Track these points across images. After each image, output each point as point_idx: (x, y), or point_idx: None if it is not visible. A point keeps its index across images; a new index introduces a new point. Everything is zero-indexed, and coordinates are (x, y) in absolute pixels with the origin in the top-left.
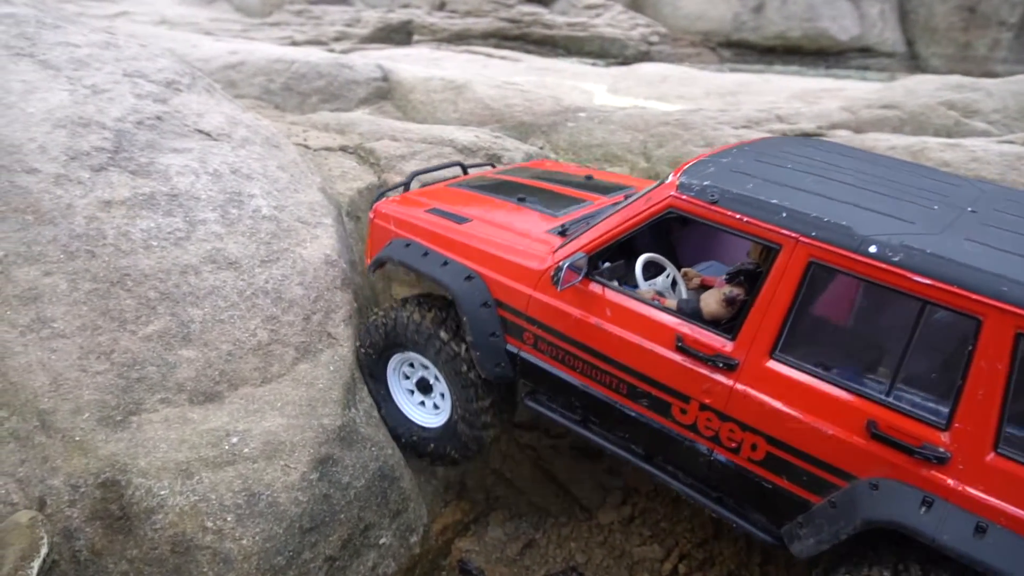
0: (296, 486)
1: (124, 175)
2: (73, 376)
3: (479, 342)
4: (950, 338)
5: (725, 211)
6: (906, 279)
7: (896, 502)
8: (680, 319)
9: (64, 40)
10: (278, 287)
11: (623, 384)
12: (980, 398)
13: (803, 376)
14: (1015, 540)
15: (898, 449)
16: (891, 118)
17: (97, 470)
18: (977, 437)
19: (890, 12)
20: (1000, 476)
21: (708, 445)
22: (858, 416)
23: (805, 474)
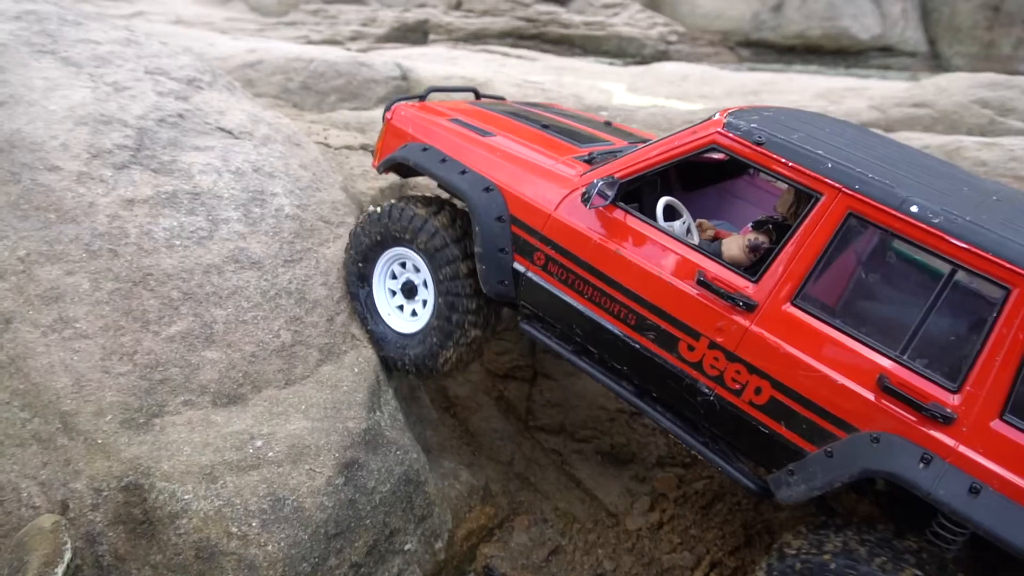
0: (322, 491)
1: (146, 173)
2: (96, 377)
3: (487, 256)
4: (975, 304)
5: (770, 154)
6: (945, 241)
7: (896, 456)
8: (703, 255)
9: (86, 37)
10: (301, 287)
11: (632, 315)
12: (996, 365)
13: (821, 325)
14: (1005, 503)
15: (906, 405)
16: (922, 117)
17: (120, 473)
18: (985, 402)
19: (912, 11)
20: (1000, 442)
21: (710, 385)
22: (871, 369)
23: (806, 422)
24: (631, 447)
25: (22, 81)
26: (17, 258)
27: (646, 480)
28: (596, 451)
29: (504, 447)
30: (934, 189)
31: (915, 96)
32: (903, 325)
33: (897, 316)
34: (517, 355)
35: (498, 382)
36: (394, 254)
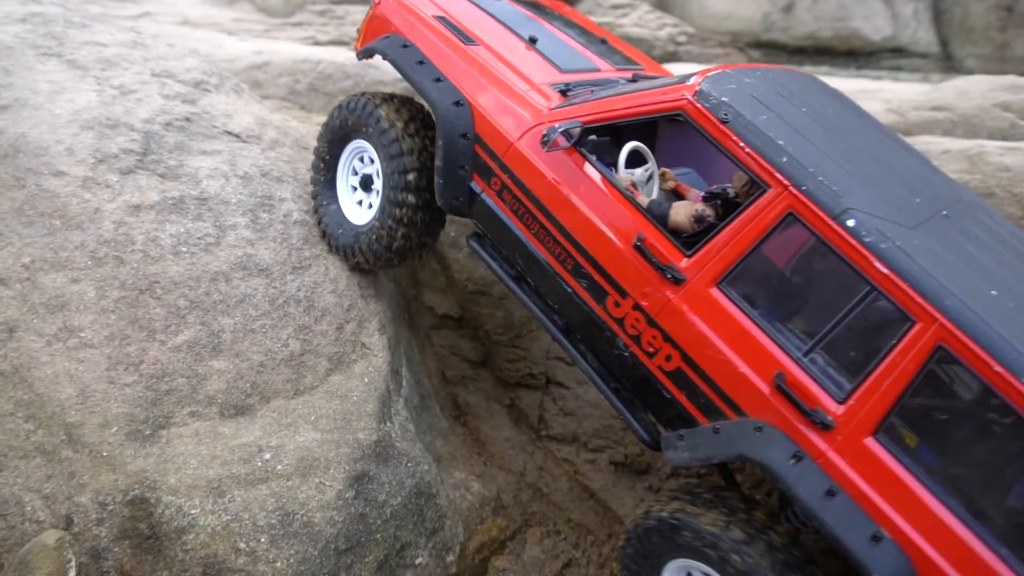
0: (331, 505)
1: (153, 178)
2: (101, 388)
3: (446, 171)
4: (881, 326)
5: (731, 134)
6: (868, 262)
7: (772, 448)
8: (647, 219)
9: (92, 39)
10: (310, 295)
11: (571, 260)
12: (882, 388)
13: (737, 313)
14: (854, 510)
15: (793, 405)
16: (941, 120)
17: (126, 487)
18: (864, 419)
19: (924, 12)
20: (866, 457)
21: (628, 342)
22: (771, 365)
23: (704, 397)
24: (645, 457)
25: (27, 84)
26: (21, 265)
27: (661, 491)
28: (610, 461)
29: (516, 457)
30: (885, 198)
31: (934, 99)
32: (812, 329)
33: (809, 320)
34: (529, 363)
35: (509, 390)
36: (355, 147)
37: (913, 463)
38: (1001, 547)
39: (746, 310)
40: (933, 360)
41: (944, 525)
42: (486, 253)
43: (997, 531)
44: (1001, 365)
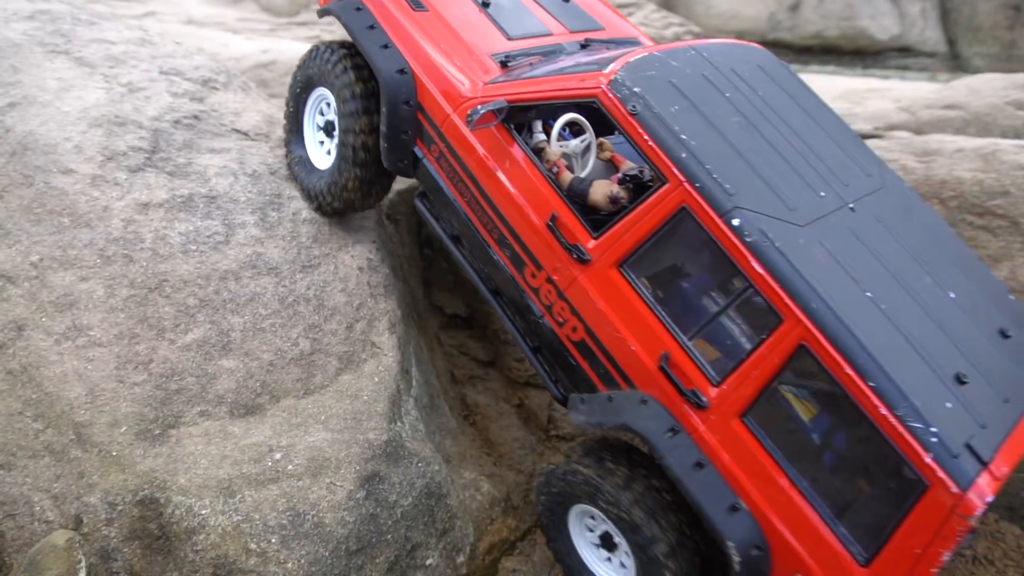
0: (342, 505)
1: (162, 176)
2: (110, 387)
3: (390, 135)
4: (755, 321)
5: (637, 127)
6: (746, 260)
7: (652, 420)
8: (562, 200)
9: (100, 37)
10: (320, 294)
11: (496, 230)
12: (751, 376)
13: (633, 296)
14: (718, 481)
15: (674, 385)
16: (953, 119)
17: (135, 487)
18: (734, 402)
19: (931, 11)
20: (732, 436)
21: (542, 310)
22: (658, 346)
23: (602, 367)
24: None
25: (35, 82)
26: (30, 263)
27: None
28: None
29: (525, 457)
30: (781, 194)
31: (946, 98)
32: (697, 317)
33: (696, 307)
34: None
35: (518, 390)
36: (319, 94)
37: (772, 445)
38: (838, 526)
39: (641, 293)
40: (796, 356)
41: (792, 502)
42: (429, 213)
43: (835, 510)
44: (852, 368)
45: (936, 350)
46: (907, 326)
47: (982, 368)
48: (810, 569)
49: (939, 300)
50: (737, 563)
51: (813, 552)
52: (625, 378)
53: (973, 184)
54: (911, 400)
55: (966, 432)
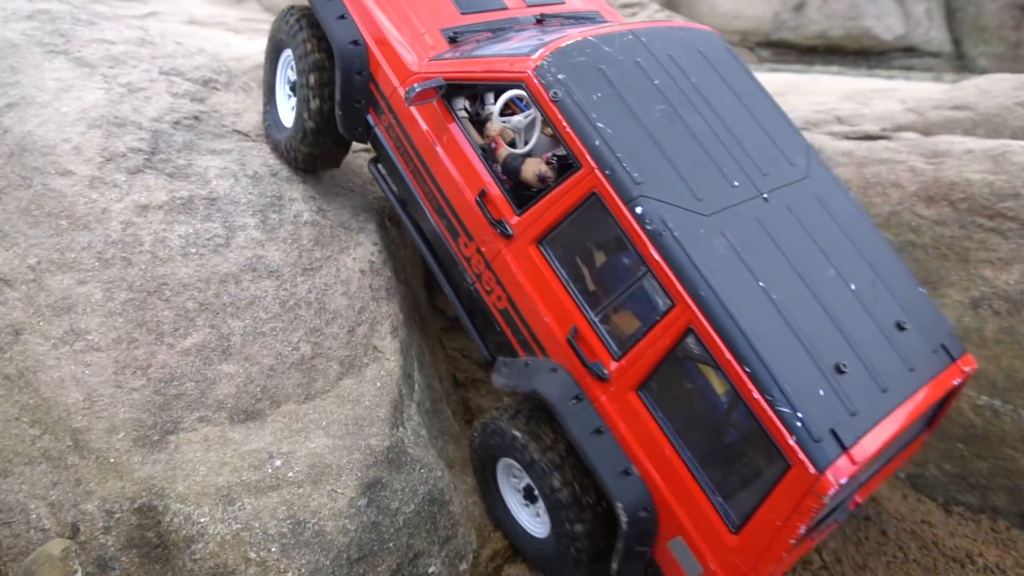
0: (344, 513)
1: (161, 178)
2: (108, 392)
3: (344, 104)
4: (651, 304)
5: (557, 113)
6: (645, 247)
7: (559, 388)
8: (491, 177)
9: (99, 37)
10: (321, 297)
11: (435, 200)
12: (646, 353)
13: (548, 271)
14: (613, 448)
15: (579, 357)
16: (962, 120)
17: (133, 494)
18: (631, 375)
19: (936, 10)
20: (628, 407)
21: (472, 279)
22: (569, 320)
23: (522, 335)
24: None
25: (34, 82)
26: (28, 266)
27: None
28: None
29: None
30: (690, 184)
31: (954, 98)
32: (605, 295)
33: (604, 286)
34: None
35: None
36: (287, 56)
37: (662, 417)
38: (716, 495)
39: (556, 270)
40: (684, 339)
41: (677, 471)
42: (380, 178)
43: (714, 481)
44: (731, 353)
45: (821, 340)
46: (796, 316)
47: (867, 359)
48: (689, 533)
49: (838, 291)
50: (625, 523)
51: (693, 518)
52: (540, 347)
53: (983, 186)
54: (783, 386)
55: (833, 419)
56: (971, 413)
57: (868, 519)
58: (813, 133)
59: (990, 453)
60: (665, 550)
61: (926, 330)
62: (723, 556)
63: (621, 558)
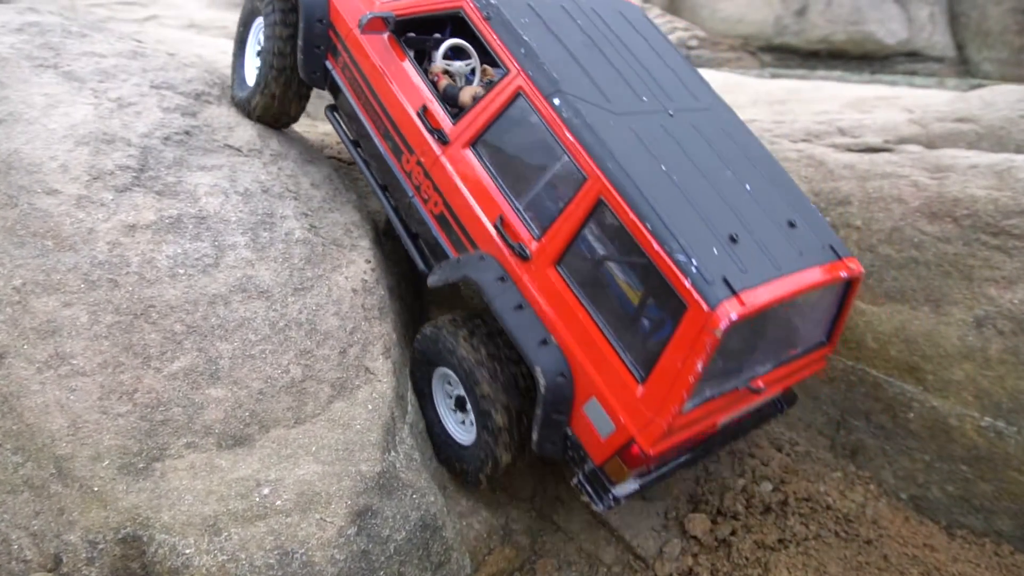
0: (333, 542)
1: (150, 196)
2: (93, 418)
3: (305, 50)
4: (566, 183)
5: (489, 29)
6: (561, 131)
7: (486, 271)
8: (432, 95)
9: (89, 50)
10: (312, 318)
11: (382, 125)
12: (562, 228)
13: (480, 169)
14: (533, 320)
15: (505, 241)
16: (966, 132)
17: (117, 524)
18: (549, 252)
19: (940, 15)
20: (547, 281)
21: (412, 191)
22: (496, 210)
23: (455, 235)
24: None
25: (22, 98)
26: (12, 288)
27: (676, 520)
28: None
29: (524, 483)
30: (603, 91)
31: (959, 110)
32: (528, 185)
33: (527, 178)
34: None
35: None
36: (258, 23)
37: (577, 287)
38: (625, 353)
39: (487, 167)
40: (596, 209)
41: (591, 335)
42: (336, 124)
43: (624, 340)
44: (634, 212)
45: (717, 217)
46: (694, 196)
47: (759, 239)
48: (602, 391)
49: (734, 188)
50: (543, 387)
51: (605, 376)
52: (471, 242)
53: (988, 202)
54: (679, 239)
55: (725, 271)
56: (974, 434)
57: (869, 543)
58: (815, 145)
59: (994, 475)
60: (581, 417)
61: (816, 232)
62: (631, 407)
63: (540, 425)
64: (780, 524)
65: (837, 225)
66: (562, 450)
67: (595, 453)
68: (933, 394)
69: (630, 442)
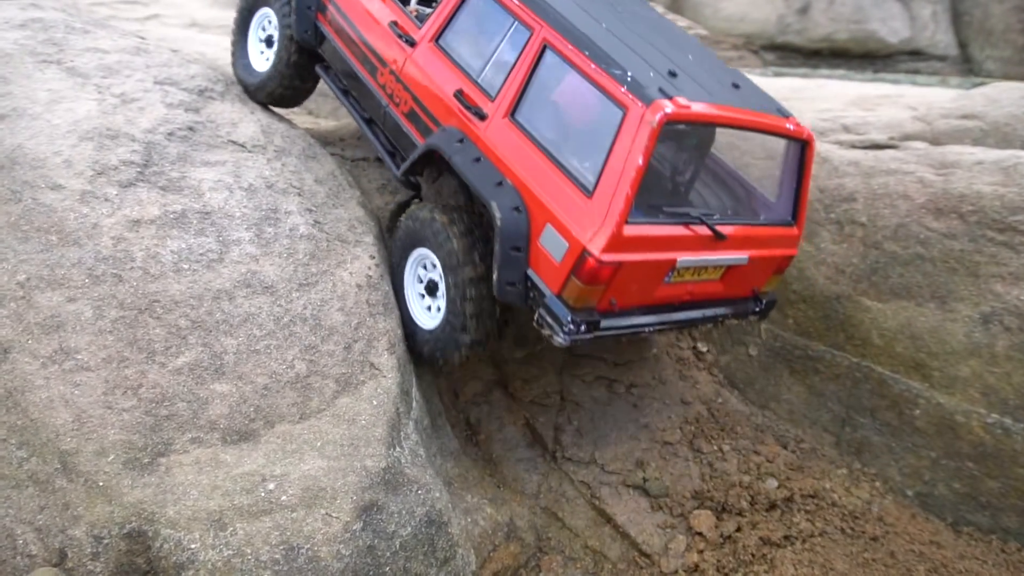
0: (338, 538)
1: (154, 191)
2: (98, 413)
3: (299, 11)
4: (515, 44)
5: None
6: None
7: (447, 139)
8: (403, 12)
9: (93, 46)
10: (317, 313)
11: (360, 52)
12: (512, 86)
13: (441, 57)
14: (489, 169)
15: (464, 107)
16: (971, 129)
17: (122, 519)
18: (504, 106)
19: (942, 13)
20: (502, 133)
21: (387, 100)
22: (456, 85)
23: (422, 123)
24: (663, 480)
25: (25, 93)
26: (16, 283)
27: (682, 516)
28: (627, 484)
29: (529, 479)
30: None
31: (963, 107)
32: (483, 59)
33: (482, 54)
34: (543, 381)
35: (524, 408)
36: (262, 13)
37: (529, 129)
38: (574, 174)
39: (448, 54)
40: (542, 57)
41: (543, 167)
42: (328, 77)
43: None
44: (573, 45)
45: (658, 62)
46: (634, 46)
47: (700, 81)
48: (555, 215)
49: (676, 53)
50: (499, 219)
51: (558, 200)
52: (435, 122)
53: (994, 199)
54: (616, 59)
55: (661, 85)
56: (981, 431)
57: (875, 539)
58: (820, 142)
59: (1001, 472)
60: (538, 251)
61: (761, 97)
62: (582, 220)
63: (500, 263)
64: (786, 520)
65: (842, 221)
66: (523, 293)
67: (552, 281)
68: (939, 391)
69: (583, 254)
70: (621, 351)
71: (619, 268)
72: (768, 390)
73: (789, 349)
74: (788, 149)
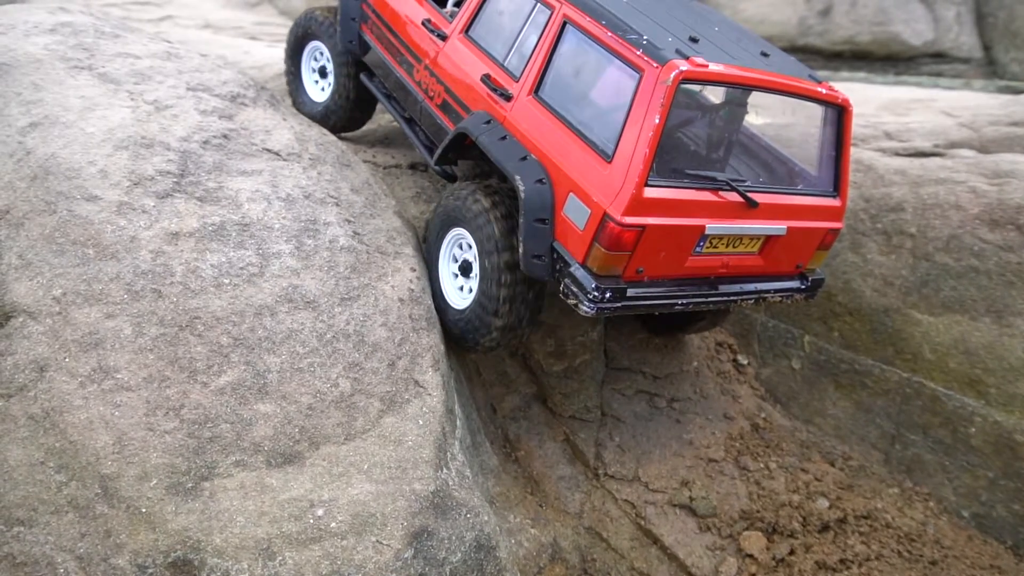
0: (389, 566)
1: (191, 202)
2: (139, 435)
3: (344, 22)
4: (537, 25)
5: None
6: None
7: (475, 121)
8: (435, 10)
9: (124, 51)
10: (360, 329)
11: (398, 52)
12: (535, 64)
13: (471, 48)
14: (514, 145)
15: (490, 89)
16: (1022, 137)
17: (167, 547)
18: (528, 86)
19: (966, 15)
20: (527, 110)
21: (422, 95)
22: (483, 71)
23: (454, 111)
24: (711, 499)
25: (58, 100)
26: (52, 298)
27: (731, 537)
28: (673, 503)
29: (572, 497)
30: None
31: (1013, 114)
32: (508, 44)
33: (508, 40)
34: (584, 395)
35: (563, 424)
36: (313, 46)
37: (552, 104)
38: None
39: (476, 44)
40: (563, 33)
41: (566, 139)
42: (372, 84)
43: (595, 135)
44: (590, 18)
45: (679, 30)
46: (659, 18)
47: (723, 47)
48: (577, 184)
49: (703, 24)
50: (523, 191)
51: (579, 170)
52: (466, 108)
53: None
54: (632, 26)
55: (679, 48)
56: None
57: (935, 563)
58: (861, 149)
59: None
60: (563, 222)
61: (792, 64)
62: (603, 186)
63: (525, 235)
64: (840, 543)
65: (890, 232)
66: (550, 266)
67: (576, 250)
68: (996, 408)
69: (604, 218)
70: (660, 364)
71: (643, 232)
72: (812, 404)
73: (834, 363)
74: (825, 116)
